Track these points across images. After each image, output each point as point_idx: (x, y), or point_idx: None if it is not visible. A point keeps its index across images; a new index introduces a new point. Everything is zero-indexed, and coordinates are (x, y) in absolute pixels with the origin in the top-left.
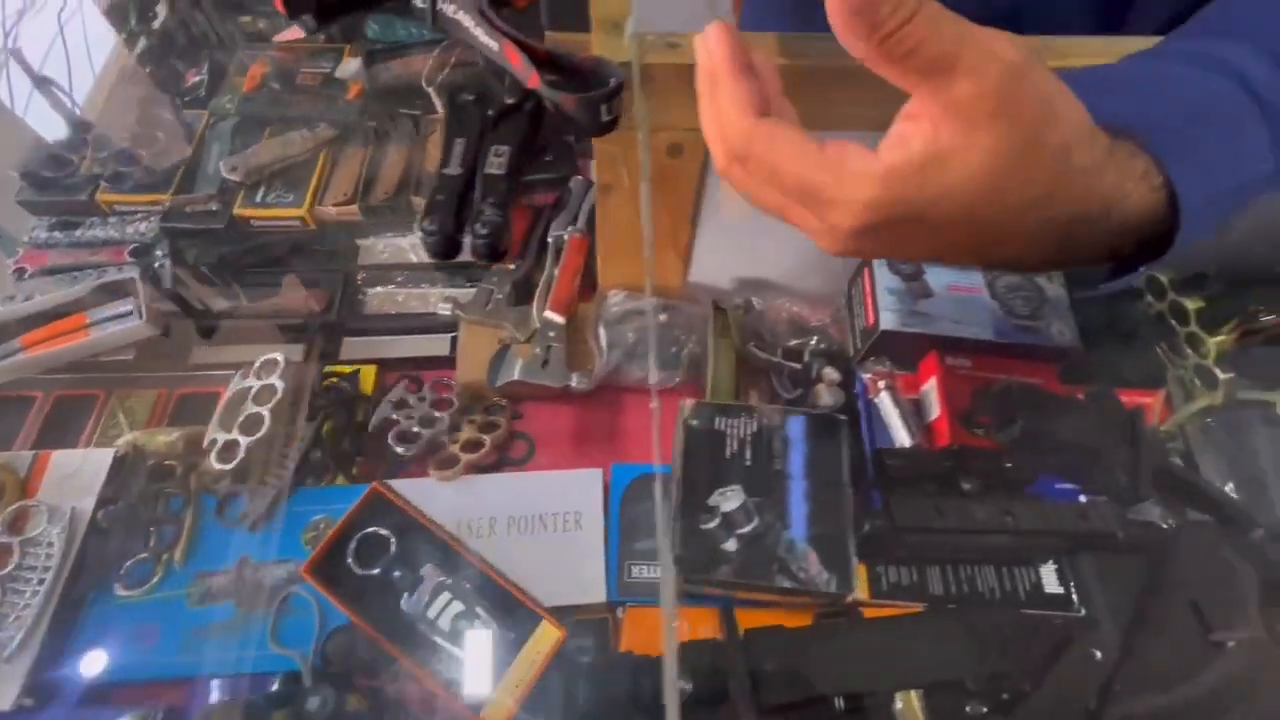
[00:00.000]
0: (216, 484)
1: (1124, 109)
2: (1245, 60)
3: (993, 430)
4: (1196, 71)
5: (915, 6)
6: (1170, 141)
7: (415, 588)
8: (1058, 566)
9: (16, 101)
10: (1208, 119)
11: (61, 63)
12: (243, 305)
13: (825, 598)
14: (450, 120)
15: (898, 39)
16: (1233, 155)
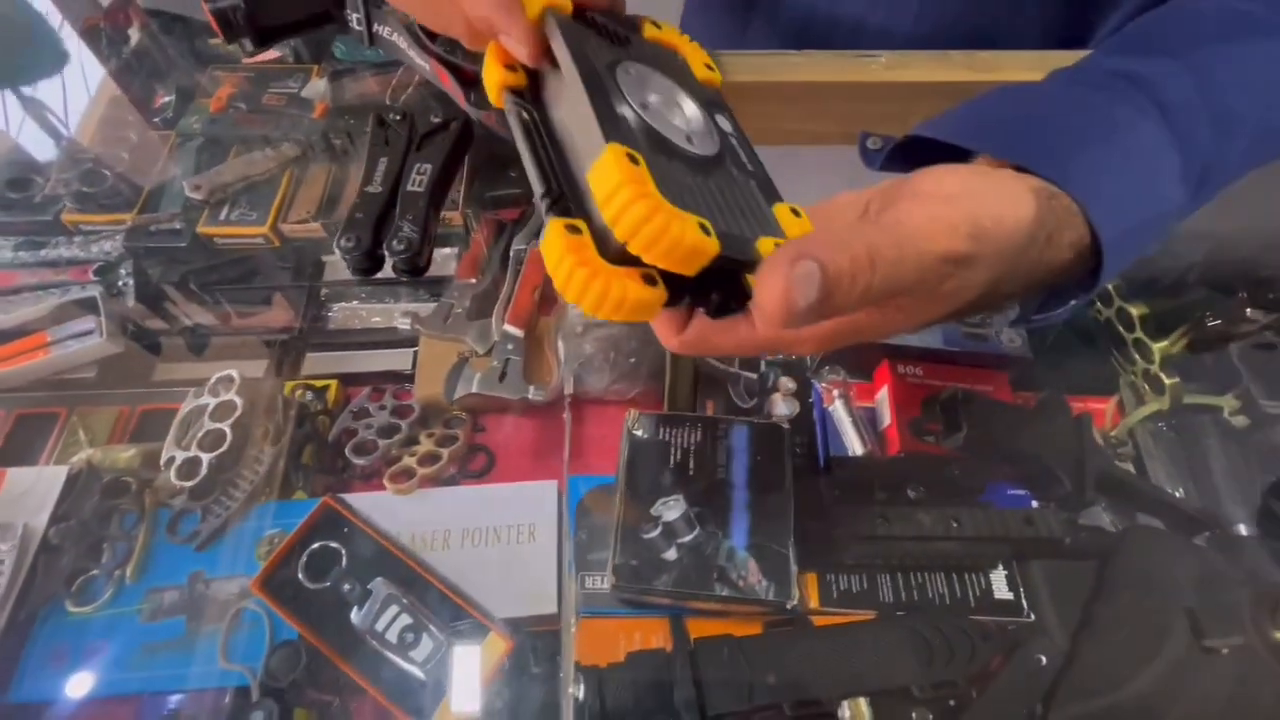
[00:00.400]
0: (172, 499)
1: (1047, 149)
2: (1166, 81)
3: (940, 438)
4: (1116, 100)
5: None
6: (1088, 181)
7: (365, 601)
8: (1007, 573)
9: (11, 122)
10: (1125, 154)
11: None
12: (208, 323)
13: (764, 605)
14: (374, 138)
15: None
16: (1149, 189)
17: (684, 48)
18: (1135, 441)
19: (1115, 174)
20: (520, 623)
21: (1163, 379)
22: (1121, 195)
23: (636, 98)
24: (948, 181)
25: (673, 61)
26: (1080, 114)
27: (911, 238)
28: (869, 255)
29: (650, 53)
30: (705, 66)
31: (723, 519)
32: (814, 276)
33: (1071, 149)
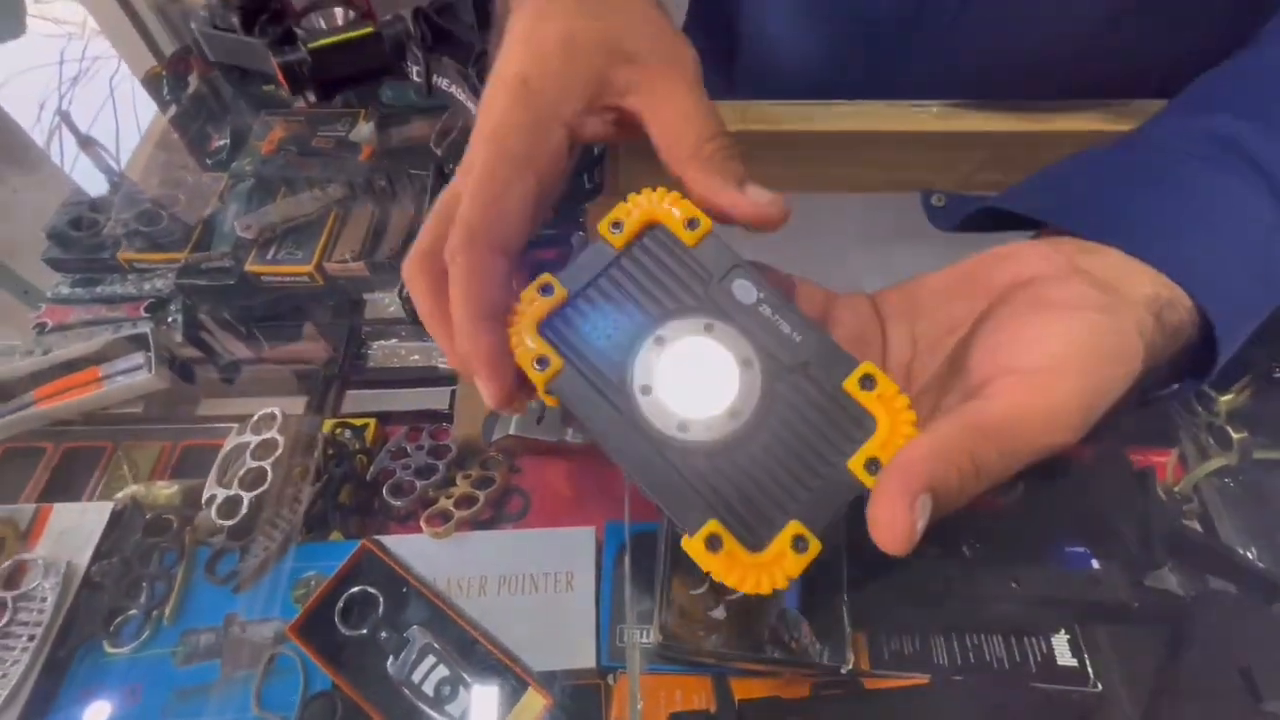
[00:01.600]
0: (211, 538)
1: (1149, 232)
2: (1260, 144)
3: (996, 492)
4: (1214, 169)
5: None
6: (1195, 269)
7: (402, 650)
8: (1070, 637)
9: (66, 160)
10: (1232, 234)
11: (110, 122)
12: (249, 358)
13: (819, 669)
14: (434, 186)
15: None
16: (1267, 275)
17: (661, 219)
18: (1201, 498)
19: (1228, 261)
20: (558, 676)
21: (1229, 432)
22: (1237, 287)
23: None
24: (1060, 333)
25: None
26: (1177, 186)
27: (1021, 436)
28: (975, 467)
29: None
30: (687, 225)
31: None
32: (926, 506)
33: (1178, 232)
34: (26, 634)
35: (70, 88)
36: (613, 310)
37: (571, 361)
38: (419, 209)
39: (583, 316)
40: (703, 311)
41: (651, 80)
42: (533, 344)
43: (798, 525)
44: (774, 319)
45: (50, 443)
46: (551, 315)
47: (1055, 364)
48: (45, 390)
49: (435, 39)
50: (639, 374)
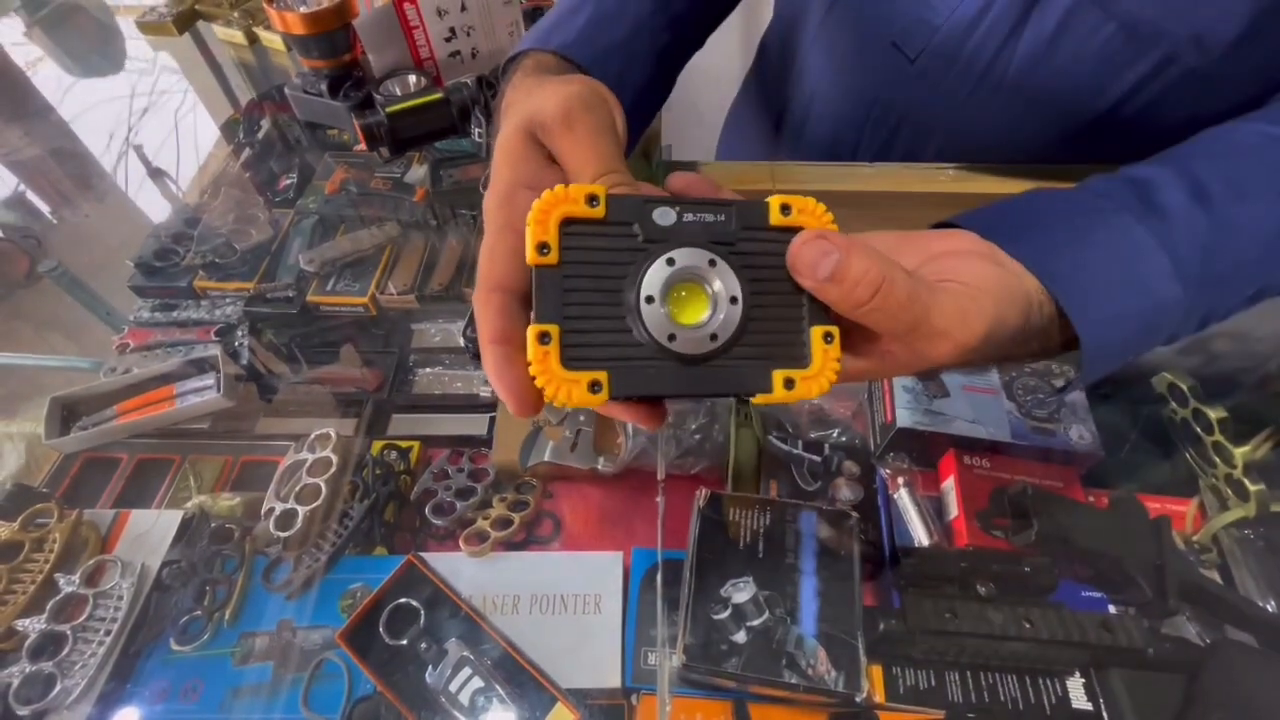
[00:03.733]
0: (268, 548)
1: (1039, 249)
2: (1163, 187)
3: (1010, 533)
4: (1116, 204)
5: (867, 295)
6: (1068, 280)
7: (440, 661)
8: (1085, 681)
9: (130, 186)
10: (1108, 253)
11: (173, 153)
12: (305, 380)
13: (833, 696)
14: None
15: (854, 315)
16: (1131, 286)
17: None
18: (1220, 548)
19: (1094, 270)
20: (585, 694)
21: (1247, 485)
22: (1099, 291)
23: (649, 288)
24: (980, 274)
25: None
26: (1082, 217)
27: (928, 305)
28: (880, 281)
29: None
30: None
31: (791, 605)
32: (832, 258)
33: (1058, 249)
34: (104, 628)
35: (139, 119)
36: (603, 298)
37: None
38: (466, 246)
39: (585, 330)
40: (662, 250)
41: (557, 139)
42: (573, 378)
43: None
44: (698, 218)
45: (125, 453)
46: (563, 351)
47: (980, 283)
48: (125, 406)
49: None
50: (645, 287)
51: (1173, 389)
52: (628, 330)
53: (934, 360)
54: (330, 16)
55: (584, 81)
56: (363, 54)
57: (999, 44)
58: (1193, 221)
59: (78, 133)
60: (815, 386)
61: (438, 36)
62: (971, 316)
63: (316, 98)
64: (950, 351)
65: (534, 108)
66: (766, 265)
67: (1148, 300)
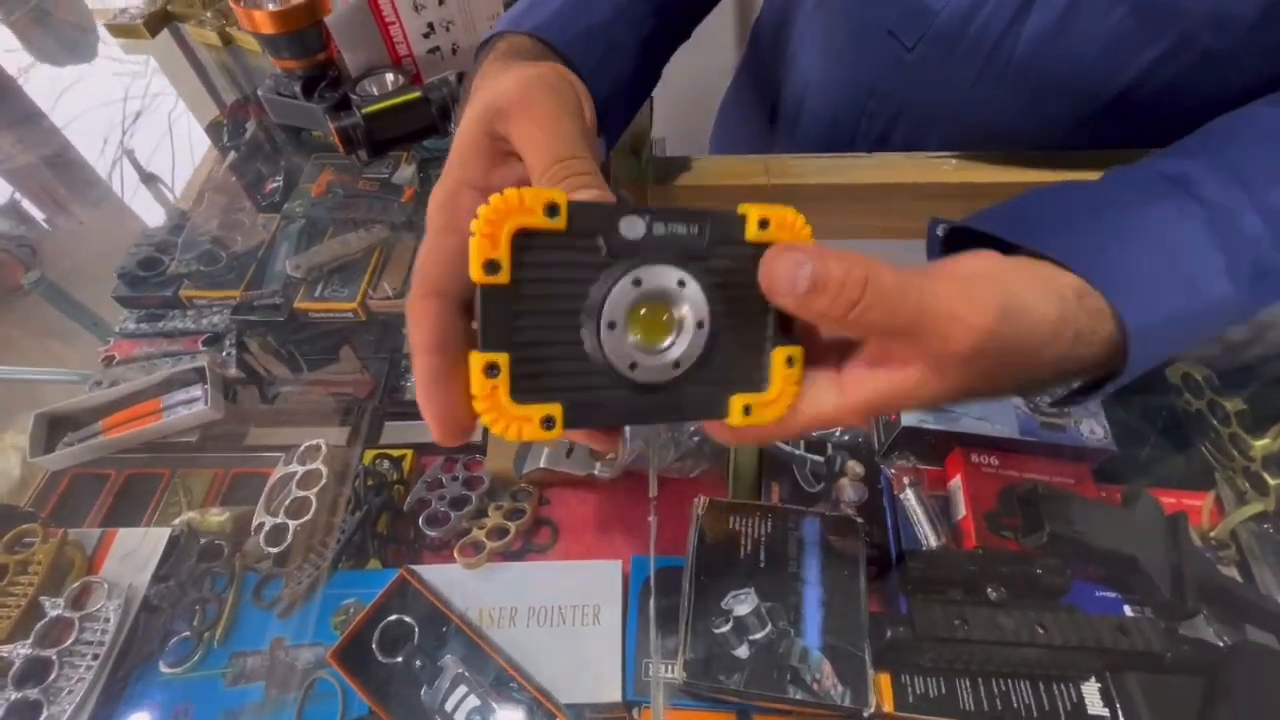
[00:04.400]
0: (259, 564)
1: (1077, 245)
2: (1206, 179)
3: (1020, 534)
4: (1154, 198)
5: (857, 294)
6: (1116, 277)
7: (435, 679)
8: (1101, 686)
9: (126, 192)
10: (1157, 251)
11: (168, 157)
12: (303, 384)
13: (840, 712)
14: None
15: (849, 322)
16: (1184, 284)
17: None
18: (1239, 544)
19: (1145, 270)
20: (584, 709)
21: (1265, 479)
22: (1152, 291)
23: (612, 312)
24: (978, 264)
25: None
26: (1116, 211)
27: (922, 290)
28: (865, 277)
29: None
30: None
31: (795, 616)
32: (807, 267)
33: (1102, 246)
34: (91, 652)
35: (133, 123)
36: (559, 320)
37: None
38: None
39: (537, 358)
40: (627, 267)
41: (514, 126)
42: (524, 413)
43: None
44: (669, 230)
45: (114, 469)
46: (513, 382)
47: (976, 271)
48: (111, 421)
49: None
50: (607, 312)
51: (1187, 380)
52: (584, 356)
53: (956, 354)
54: (299, 14)
55: (551, 66)
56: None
57: (1003, 28)
58: (1241, 213)
59: (71, 138)
60: (772, 412)
61: (415, 32)
62: (977, 292)
63: (291, 100)
64: (968, 338)
65: (494, 93)
66: (738, 283)
67: (1198, 301)
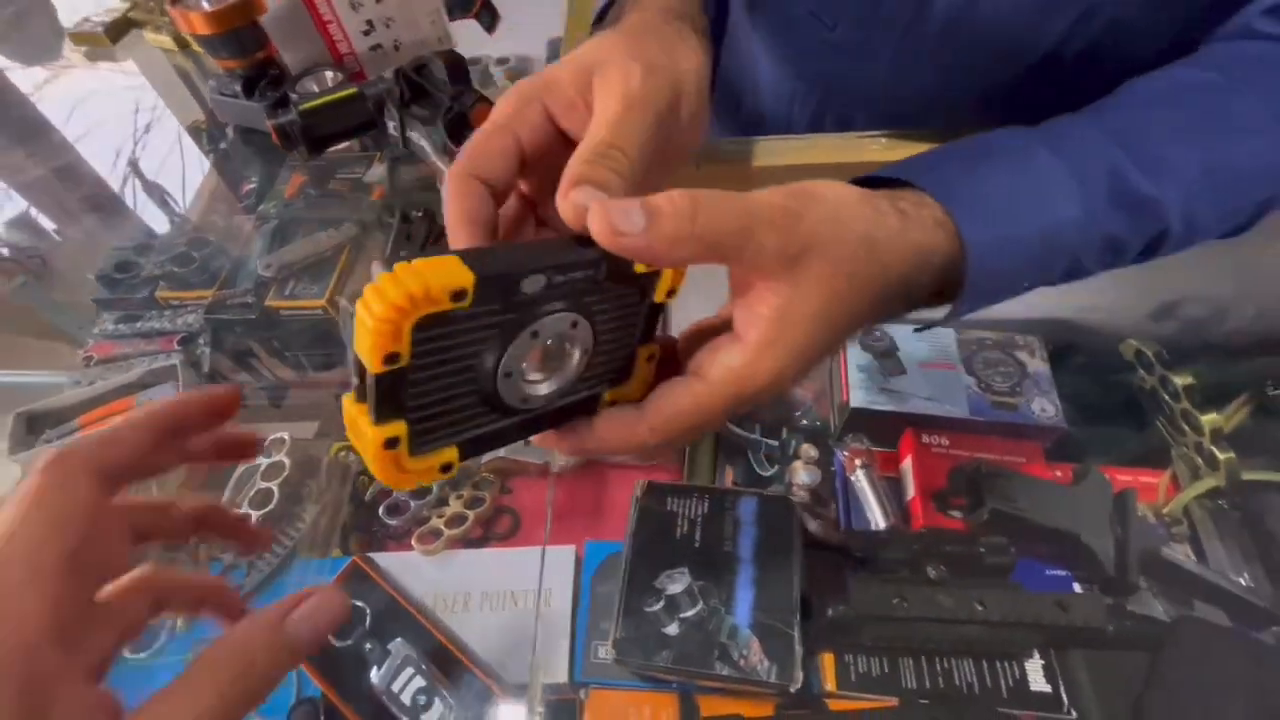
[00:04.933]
0: (222, 554)
1: (928, 167)
2: (1070, 126)
3: (965, 514)
4: (1019, 137)
5: (689, 208)
6: (955, 187)
7: (384, 661)
8: (1045, 663)
9: (138, 203)
10: (1005, 171)
11: (178, 165)
12: (265, 386)
13: (765, 687)
14: (399, 232)
15: (693, 237)
16: (1030, 203)
17: (632, 383)
18: (1191, 520)
19: (989, 188)
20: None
21: (1216, 454)
22: (992, 205)
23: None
24: (834, 188)
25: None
26: (977, 145)
27: (746, 197)
28: (690, 195)
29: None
30: (667, 292)
31: (727, 594)
32: (633, 207)
33: (945, 165)
34: None
35: (144, 135)
36: (455, 379)
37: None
38: (423, 243)
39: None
40: (526, 321)
41: (598, 90)
42: (424, 465)
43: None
44: (568, 279)
45: None
46: (411, 441)
47: (840, 192)
48: (88, 418)
49: (413, 95)
50: (505, 365)
51: (1139, 355)
52: (477, 402)
53: (821, 276)
54: (233, 14)
55: (669, 61)
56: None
57: (916, 1)
58: (1101, 147)
59: (82, 150)
60: (630, 395)
61: (355, 30)
62: (845, 215)
63: (234, 99)
64: (833, 259)
65: (604, 49)
66: (622, 306)
67: (1040, 219)
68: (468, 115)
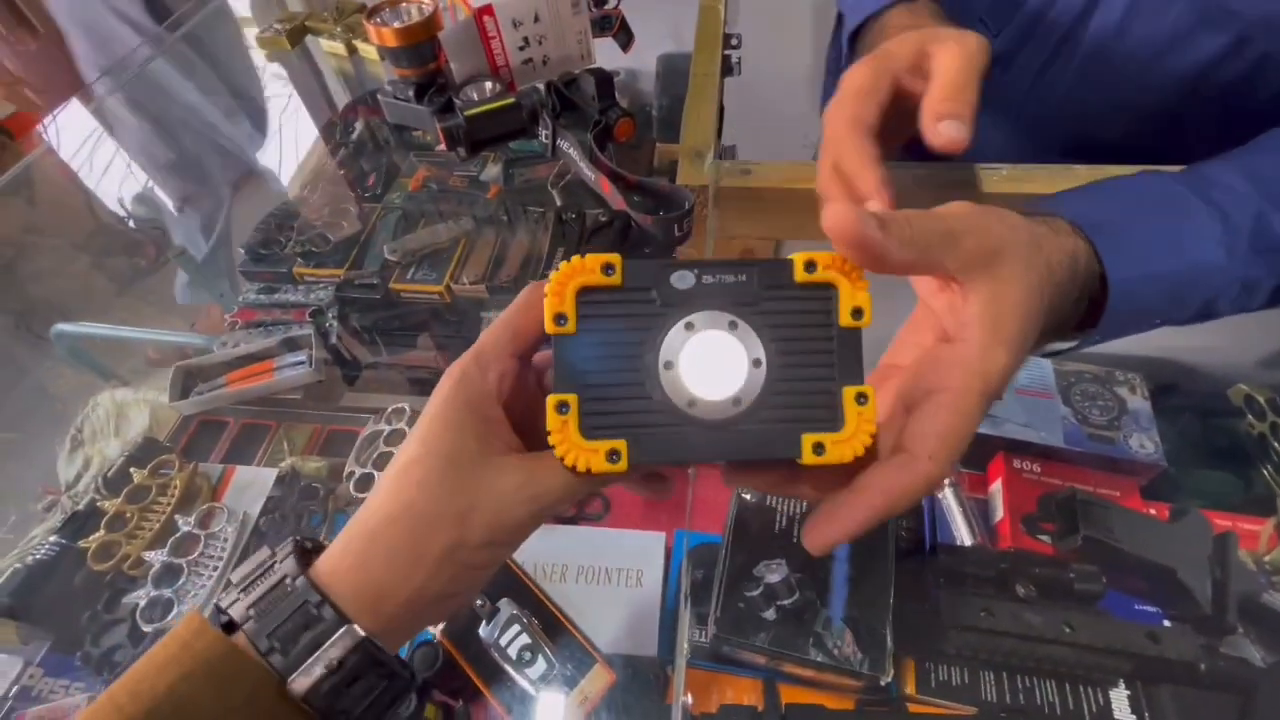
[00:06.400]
0: (348, 507)
1: (1078, 200)
2: (1218, 172)
3: (1055, 540)
4: (1168, 181)
5: (910, 219)
6: (1098, 222)
7: (493, 617)
8: (1131, 693)
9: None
10: (1140, 203)
11: (276, 154)
12: (384, 361)
13: (858, 677)
14: (555, 233)
15: (915, 241)
16: (1173, 242)
17: (840, 283)
18: None
19: (1134, 226)
20: (622, 660)
21: None
22: (1137, 241)
23: (668, 354)
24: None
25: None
26: (1127, 187)
27: (945, 210)
28: (903, 212)
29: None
30: (852, 313)
31: (822, 589)
32: (868, 216)
33: (1096, 204)
34: (212, 564)
35: (250, 125)
36: (622, 364)
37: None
38: (533, 241)
39: (604, 398)
40: (680, 314)
41: (935, 53)
42: (592, 447)
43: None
44: (717, 279)
45: (232, 418)
46: (582, 420)
47: (1009, 216)
48: (233, 376)
49: (562, 107)
50: (664, 353)
51: (1249, 401)
52: (647, 397)
53: (1015, 273)
54: (419, 30)
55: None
56: (445, 63)
57: (1074, 19)
58: (1245, 197)
59: (200, 135)
60: (848, 450)
61: (512, 46)
62: (1014, 220)
63: (404, 103)
64: (1022, 258)
65: (936, 29)
66: (793, 324)
67: (1187, 260)
68: (612, 129)
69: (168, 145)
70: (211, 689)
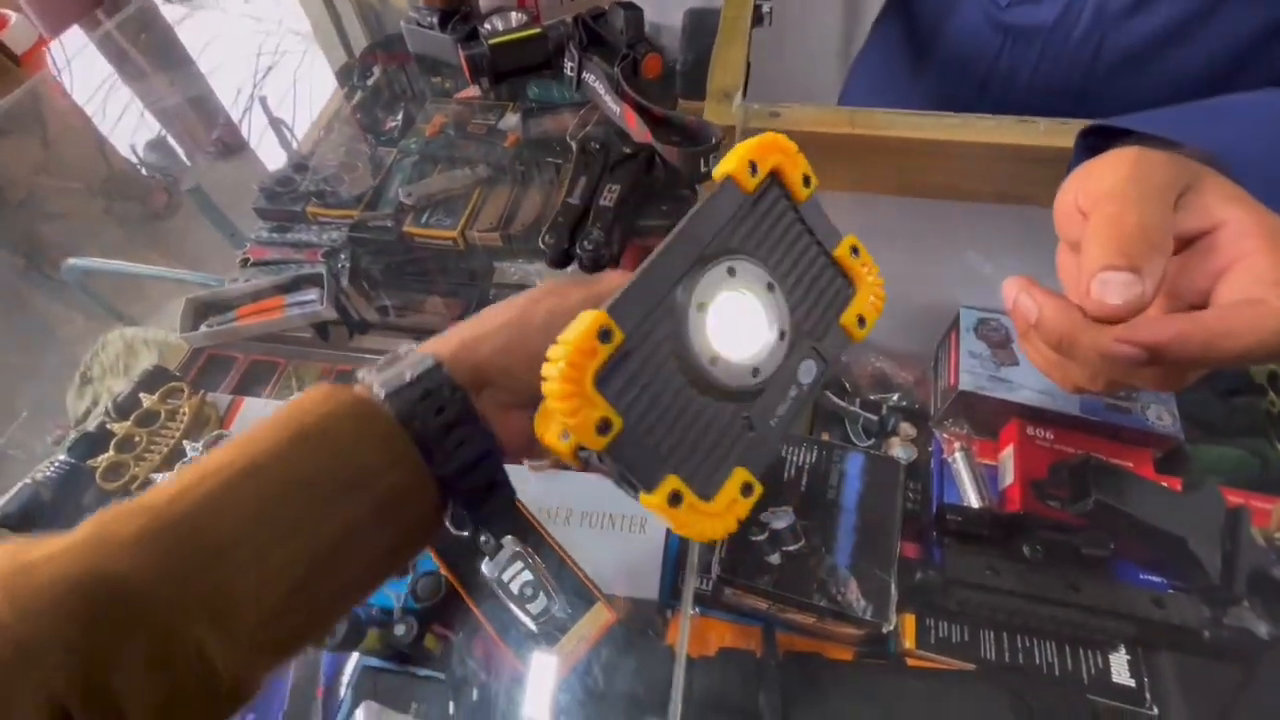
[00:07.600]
0: None
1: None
2: None
3: (1066, 504)
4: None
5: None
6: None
7: (496, 554)
8: (1131, 658)
9: (252, 136)
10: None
11: (290, 104)
12: (395, 307)
13: (860, 624)
14: (578, 161)
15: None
16: None
17: (862, 286)
18: None
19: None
20: (623, 601)
21: None
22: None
23: (705, 293)
24: (1254, 241)
25: (821, 286)
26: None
27: (1228, 335)
28: (1180, 340)
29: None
30: (857, 321)
31: (828, 537)
32: (1134, 279)
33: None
34: None
35: (264, 76)
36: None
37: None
38: (549, 192)
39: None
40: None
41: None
42: (593, 401)
43: (744, 472)
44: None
45: (241, 354)
46: (609, 365)
47: (1260, 270)
48: (244, 310)
49: (590, 41)
50: (699, 294)
51: (1273, 379)
52: (715, 410)
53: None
54: None
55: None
56: None
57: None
58: None
59: (212, 84)
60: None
61: None
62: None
63: (428, 30)
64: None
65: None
66: (770, 228)
67: None
68: (640, 63)
69: (177, 90)
70: (353, 423)
